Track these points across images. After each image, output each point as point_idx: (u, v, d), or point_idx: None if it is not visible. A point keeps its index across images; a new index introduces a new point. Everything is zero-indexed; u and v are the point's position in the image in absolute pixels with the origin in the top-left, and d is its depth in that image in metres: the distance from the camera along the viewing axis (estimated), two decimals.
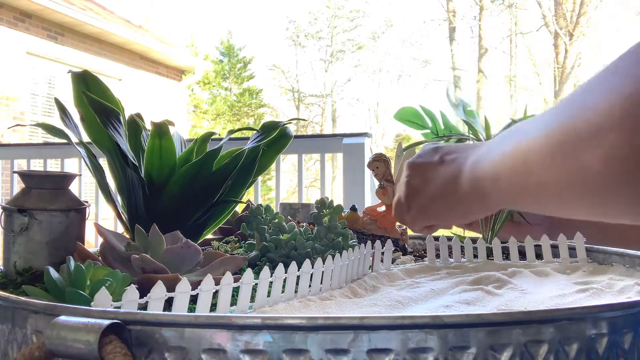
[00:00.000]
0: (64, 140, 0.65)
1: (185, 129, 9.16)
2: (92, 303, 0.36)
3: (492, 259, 0.67)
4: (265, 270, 0.44)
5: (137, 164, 0.63)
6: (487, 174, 0.47)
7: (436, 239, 0.68)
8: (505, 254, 0.69)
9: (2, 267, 0.55)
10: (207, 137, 0.72)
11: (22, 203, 0.53)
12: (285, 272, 0.46)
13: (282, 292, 0.46)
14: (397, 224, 0.75)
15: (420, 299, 0.50)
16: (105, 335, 0.30)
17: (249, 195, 0.88)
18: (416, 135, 0.92)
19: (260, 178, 2.40)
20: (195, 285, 0.41)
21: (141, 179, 0.64)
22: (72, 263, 0.44)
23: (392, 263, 0.65)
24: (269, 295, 0.45)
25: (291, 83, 15.69)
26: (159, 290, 0.38)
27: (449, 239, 0.68)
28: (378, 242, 0.63)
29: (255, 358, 0.31)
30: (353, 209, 0.76)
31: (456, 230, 0.75)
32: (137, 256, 0.47)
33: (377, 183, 0.77)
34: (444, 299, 0.50)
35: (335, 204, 0.66)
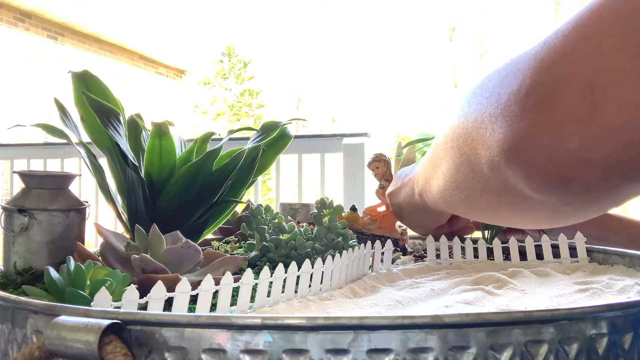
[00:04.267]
0: (64, 140, 0.65)
1: (185, 129, 9.16)
2: (92, 303, 0.36)
3: (493, 259, 0.67)
4: (265, 270, 0.44)
5: (137, 164, 0.63)
6: (422, 190, 0.57)
7: (437, 239, 0.68)
8: (506, 254, 0.69)
9: (2, 267, 0.55)
10: (207, 137, 0.72)
11: (22, 203, 0.53)
12: (285, 272, 0.46)
13: (282, 292, 0.46)
14: (397, 223, 0.75)
15: (420, 299, 0.50)
16: (105, 335, 0.30)
17: (249, 195, 0.88)
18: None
19: (260, 178, 2.40)
20: (195, 285, 0.41)
21: (141, 179, 0.64)
22: (72, 263, 0.44)
23: (392, 263, 0.65)
24: (269, 295, 0.45)
25: (291, 83, 15.69)
26: (159, 290, 0.38)
27: (450, 239, 0.68)
28: (378, 242, 0.63)
29: (255, 358, 0.31)
30: (353, 209, 0.76)
31: None
32: (137, 256, 0.47)
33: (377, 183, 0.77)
34: (444, 299, 0.50)
35: (335, 204, 0.66)
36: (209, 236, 0.74)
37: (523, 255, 0.68)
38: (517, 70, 0.32)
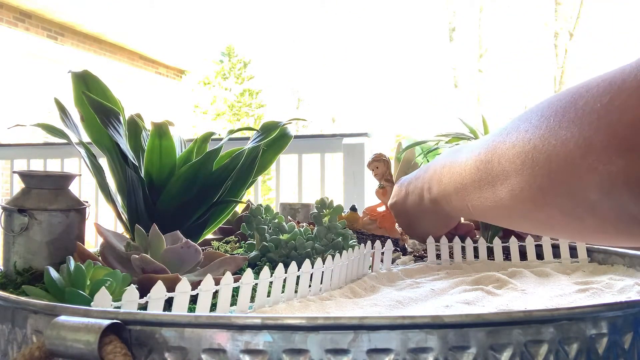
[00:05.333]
0: (64, 140, 0.65)
1: (185, 129, 9.16)
2: (92, 303, 0.36)
3: (493, 259, 0.67)
4: (265, 270, 0.44)
5: (137, 164, 0.63)
6: (440, 195, 0.57)
7: (437, 239, 0.68)
8: (506, 254, 0.69)
9: (2, 267, 0.55)
10: (207, 137, 0.72)
11: (22, 203, 0.53)
12: (285, 272, 0.46)
13: (282, 292, 0.46)
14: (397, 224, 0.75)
15: (420, 299, 0.50)
16: (105, 335, 0.30)
17: (249, 195, 0.88)
18: (416, 136, 0.92)
19: (260, 178, 2.40)
20: (195, 285, 0.41)
21: (141, 179, 0.64)
22: (72, 263, 0.44)
23: (392, 263, 0.65)
24: (269, 295, 0.45)
25: (291, 83, 15.71)
26: (159, 290, 0.38)
27: (450, 239, 0.68)
28: (378, 242, 0.63)
29: (255, 358, 0.31)
30: (353, 209, 0.76)
31: None
32: (137, 256, 0.47)
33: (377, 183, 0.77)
34: (444, 299, 0.50)
35: (335, 204, 0.66)
36: (209, 236, 0.74)
37: (523, 255, 0.68)
38: (626, 96, 0.31)
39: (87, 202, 0.57)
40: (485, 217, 0.52)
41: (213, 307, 0.41)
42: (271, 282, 0.45)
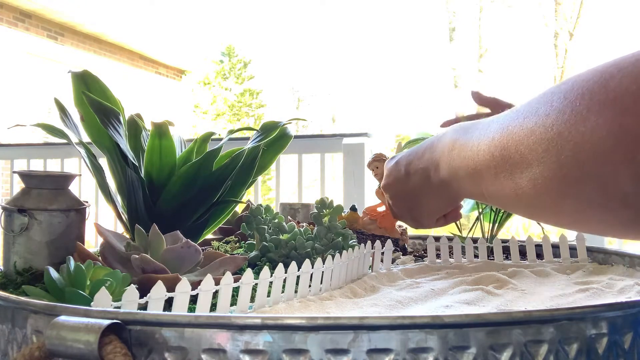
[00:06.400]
0: (64, 140, 0.66)
1: (185, 129, 9.16)
2: (92, 303, 0.36)
3: (493, 259, 0.67)
4: (265, 270, 0.44)
5: (137, 164, 0.63)
6: (452, 178, 0.53)
7: (437, 239, 0.68)
8: (506, 253, 0.69)
9: (2, 267, 0.55)
10: (207, 137, 0.72)
11: (22, 203, 0.53)
12: (285, 272, 0.46)
13: (282, 292, 0.46)
14: (397, 223, 0.75)
15: (420, 299, 0.50)
16: (105, 335, 0.30)
17: (249, 195, 0.88)
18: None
19: (260, 178, 2.40)
20: (195, 285, 0.41)
21: (141, 179, 0.64)
22: (72, 263, 0.44)
23: (392, 263, 0.65)
24: (269, 295, 0.45)
25: (291, 83, 15.72)
26: (159, 290, 0.38)
27: (450, 239, 0.68)
28: (378, 242, 0.63)
29: (255, 358, 0.31)
30: (353, 209, 0.76)
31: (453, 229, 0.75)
32: (137, 256, 0.47)
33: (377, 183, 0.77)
34: (444, 299, 0.50)
35: (335, 204, 0.66)
36: (209, 236, 0.74)
37: (523, 255, 0.68)
38: None
39: (87, 202, 0.57)
40: (502, 205, 0.48)
41: (213, 307, 0.41)
42: (271, 282, 0.45)
